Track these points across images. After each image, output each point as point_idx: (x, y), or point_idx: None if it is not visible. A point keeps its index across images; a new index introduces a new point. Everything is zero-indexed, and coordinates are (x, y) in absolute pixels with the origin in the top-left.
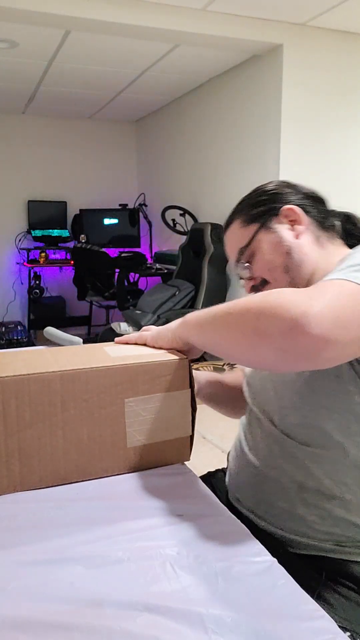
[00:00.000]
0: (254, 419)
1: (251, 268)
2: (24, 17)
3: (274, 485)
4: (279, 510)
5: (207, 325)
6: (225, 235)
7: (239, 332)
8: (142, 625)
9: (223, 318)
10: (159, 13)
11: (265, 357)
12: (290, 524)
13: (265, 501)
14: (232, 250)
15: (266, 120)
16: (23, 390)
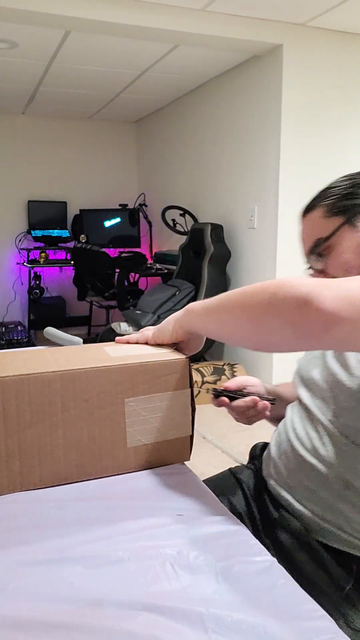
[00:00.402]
0: (305, 409)
1: (325, 262)
2: (24, 18)
3: (319, 476)
4: (319, 499)
5: (216, 309)
6: (304, 219)
7: (251, 309)
8: (142, 624)
9: (235, 298)
10: (158, 13)
11: (275, 333)
12: (328, 515)
13: (307, 488)
14: (308, 238)
15: (266, 120)
16: (23, 390)
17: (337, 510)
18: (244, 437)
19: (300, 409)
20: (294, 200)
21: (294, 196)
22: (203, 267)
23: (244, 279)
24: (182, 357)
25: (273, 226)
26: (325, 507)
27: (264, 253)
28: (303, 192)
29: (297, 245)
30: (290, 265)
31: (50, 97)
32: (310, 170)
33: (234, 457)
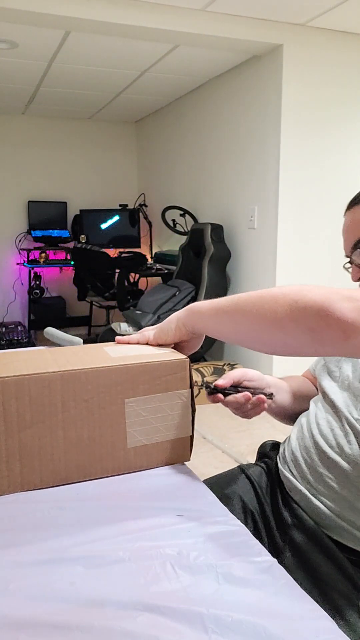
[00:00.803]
0: (331, 405)
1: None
2: (24, 18)
3: (341, 473)
4: (339, 497)
5: (229, 310)
6: (352, 210)
7: (271, 314)
8: (142, 625)
9: (254, 301)
10: (158, 14)
11: (294, 338)
12: (346, 513)
13: (327, 485)
14: (352, 233)
15: (266, 120)
16: (23, 391)
17: (357, 509)
18: (244, 437)
19: (325, 404)
20: (294, 201)
21: (294, 196)
22: (203, 268)
23: (244, 279)
24: (182, 357)
25: (273, 226)
26: (344, 505)
27: (264, 253)
28: (303, 192)
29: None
30: (290, 265)
31: (51, 97)
32: (311, 171)
33: (234, 457)
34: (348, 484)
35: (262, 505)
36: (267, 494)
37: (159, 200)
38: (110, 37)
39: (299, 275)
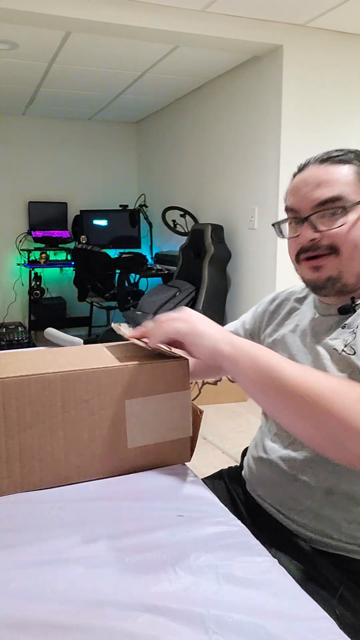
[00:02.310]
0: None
1: (331, 227)
2: (24, 19)
3: (302, 486)
4: (304, 508)
5: (272, 378)
6: (322, 165)
7: (312, 407)
8: (142, 625)
9: (299, 385)
10: (159, 14)
11: (324, 437)
12: (315, 523)
13: (290, 498)
14: (325, 187)
15: (266, 120)
16: (24, 391)
17: (323, 517)
18: (244, 438)
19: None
20: None
21: None
22: (203, 268)
23: (244, 279)
24: (182, 358)
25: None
26: (311, 516)
27: (264, 254)
28: None
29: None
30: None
31: (51, 98)
32: None
33: (234, 458)
34: (310, 494)
35: (239, 512)
36: (244, 504)
37: (160, 201)
38: (111, 38)
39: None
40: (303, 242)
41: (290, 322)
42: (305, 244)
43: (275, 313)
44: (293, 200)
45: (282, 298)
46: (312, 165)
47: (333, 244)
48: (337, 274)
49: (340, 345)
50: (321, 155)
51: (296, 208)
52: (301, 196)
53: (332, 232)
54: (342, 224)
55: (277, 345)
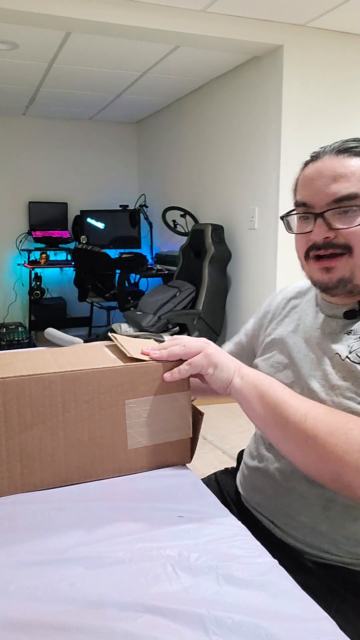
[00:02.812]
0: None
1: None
2: (24, 19)
3: (298, 499)
4: (300, 524)
5: (276, 414)
6: (341, 158)
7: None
8: (143, 626)
9: (301, 424)
10: (159, 14)
11: (324, 473)
12: (311, 539)
13: (285, 513)
14: (342, 182)
15: (267, 121)
16: (24, 392)
17: (320, 533)
18: (244, 438)
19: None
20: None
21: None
22: (203, 268)
23: (245, 279)
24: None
25: (274, 227)
26: (307, 531)
27: (264, 254)
28: None
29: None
30: (290, 266)
31: (51, 98)
32: None
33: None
34: (306, 509)
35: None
36: (237, 504)
37: (160, 201)
38: (111, 38)
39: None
40: (316, 239)
41: (290, 320)
42: (318, 242)
43: (276, 311)
44: (305, 194)
45: (282, 296)
46: (327, 156)
47: (347, 244)
48: (349, 275)
49: (344, 351)
50: (338, 144)
51: (309, 202)
52: (315, 190)
53: (348, 231)
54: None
55: (276, 345)
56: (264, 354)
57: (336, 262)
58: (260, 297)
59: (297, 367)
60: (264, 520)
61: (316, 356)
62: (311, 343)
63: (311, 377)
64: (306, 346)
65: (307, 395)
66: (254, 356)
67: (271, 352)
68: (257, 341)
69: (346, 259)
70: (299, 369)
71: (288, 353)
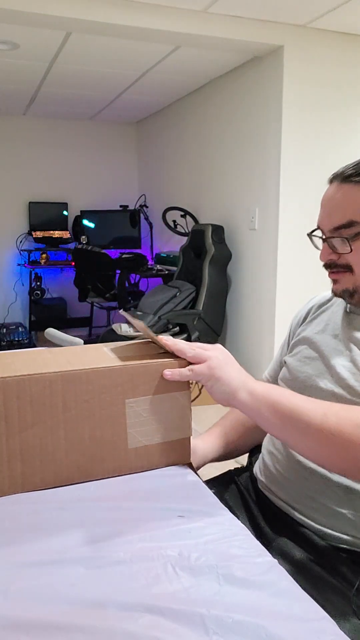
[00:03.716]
0: None
1: (349, 246)
2: (25, 19)
3: (319, 481)
4: (321, 505)
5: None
6: (343, 185)
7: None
8: (143, 626)
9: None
10: (160, 15)
11: (348, 465)
12: (332, 521)
13: (306, 495)
14: (339, 212)
15: (267, 121)
16: (24, 391)
17: (341, 514)
18: None
19: None
20: (294, 202)
21: (294, 198)
22: (204, 268)
23: (245, 280)
24: (182, 358)
25: (274, 227)
26: (328, 513)
27: (264, 254)
28: (304, 193)
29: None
30: (291, 266)
31: (52, 98)
32: (311, 172)
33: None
34: (327, 491)
35: (251, 515)
36: (256, 503)
37: (160, 201)
38: (111, 38)
39: (300, 276)
40: (321, 259)
41: (319, 321)
42: (325, 262)
43: (305, 315)
44: (318, 217)
45: (312, 303)
46: (335, 183)
47: (348, 264)
48: (352, 288)
49: None
50: (347, 170)
51: (319, 226)
52: (322, 216)
53: (348, 254)
54: (358, 248)
55: (303, 342)
56: (291, 351)
57: (340, 276)
58: (260, 297)
59: (325, 358)
60: (283, 505)
61: (345, 346)
62: (339, 337)
63: (340, 366)
64: (335, 340)
65: (337, 382)
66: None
67: (298, 348)
68: (289, 344)
69: (349, 275)
70: (327, 360)
71: (316, 347)
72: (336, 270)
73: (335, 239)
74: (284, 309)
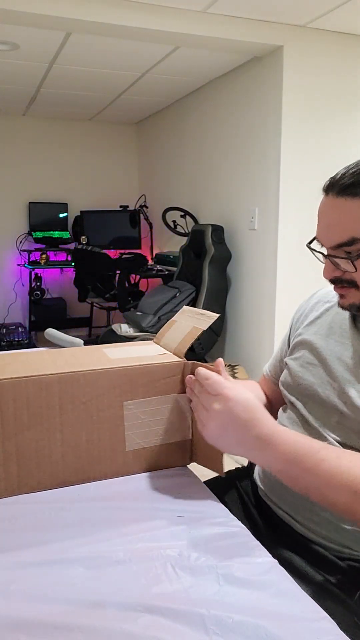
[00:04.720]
0: (303, 421)
1: (352, 263)
2: (25, 20)
3: None
4: (323, 519)
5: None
6: (337, 201)
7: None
8: (143, 626)
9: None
10: (159, 15)
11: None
12: (335, 535)
13: (308, 509)
14: (339, 230)
15: (267, 121)
16: (21, 393)
17: (343, 529)
18: None
19: (298, 420)
20: (294, 202)
21: (294, 198)
22: (204, 269)
23: (245, 280)
24: (180, 359)
25: (274, 228)
26: (330, 528)
27: (264, 254)
28: (304, 193)
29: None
30: (291, 266)
31: (51, 98)
32: (311, 172)
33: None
34: None
35: (252, 522)
36: (256, 508)
37: (160, 202)
38: (111, 39)
39: (300, 276)
40: (325, 276)
41: (322, 321)
42: (329, 279)
43: (309, 313)
44: (317, 229)
45: (315, 299)
46: (330, 195)
47: (353, 280)
48: (359, 302)
49: None
50: (341, 180)
51: (319, 240)
52: (321, 229)
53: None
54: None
55: (305, 344)
56: (293, 353)
57: (346, 291)
58: (260, 298)
59: (329, 368)
60: (284, 515)
61: (354, 347)
62: (349, 335)
63: (346, 381)
64: (343, 338)
65: (343, 399)
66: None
67: (300, 351)
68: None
69: (354, 290)
70: (331, 370)
71: (318, 353)
72: (341, 286)
73: (338, 257)
74: (284, 309)
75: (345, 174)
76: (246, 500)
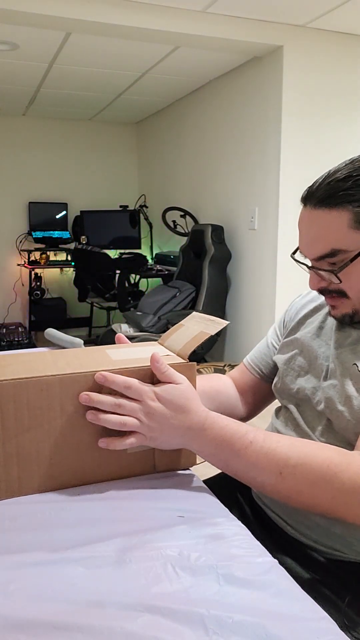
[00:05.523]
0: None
1: (336, 276)
2: (25, 20)
3: None
4: (314, 524)
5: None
6: (317, 210)
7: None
8: (143, 626)
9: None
10: (159, 15)
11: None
12: (325, 540)
13: (299, 512)
14: (319, 240)
15: (266, 121)
16: (21, 394)
17: (335, 534)
18: None
19: (287, 418)
20: (294, 202)
21: (294, 198)
22: (203, 268)
23: (245, 280)
24: (185, 360)
25: (273, 228)
26: (321, 532)
27: (264, 254)
28: None
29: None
30: (290, 266)
31: (51, 98)
32: (311, 172)
33: None
34: None
35: (244, 515)
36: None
37: (160, 202)
38: (111, 39)
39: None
40: (311, 288)
41: (312, 321)
42: (316, 290)
43: (299, 311)
44: (299, 240)
45: (306, 299)
46: (308, 208)
47: (340, 290)
48: (352, 312)
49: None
50: (317, 191)
51: (302, 251)
52: (303, 241)
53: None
54: (346, 274)
55: (296, 345)
56: (282, 352)
57: (337, 301)
58: (260, 297)
59: (317, 371)
60: (275, 518)
61: (339, 360)
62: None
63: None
64: (327, 347)
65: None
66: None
67: (290, 351)
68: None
69: (345, 300)
70: (319, 373)
71: (308, 355)
72: (331, 296)
73: (322, 270)
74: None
75: (321, 185)
76: (241, 501)
